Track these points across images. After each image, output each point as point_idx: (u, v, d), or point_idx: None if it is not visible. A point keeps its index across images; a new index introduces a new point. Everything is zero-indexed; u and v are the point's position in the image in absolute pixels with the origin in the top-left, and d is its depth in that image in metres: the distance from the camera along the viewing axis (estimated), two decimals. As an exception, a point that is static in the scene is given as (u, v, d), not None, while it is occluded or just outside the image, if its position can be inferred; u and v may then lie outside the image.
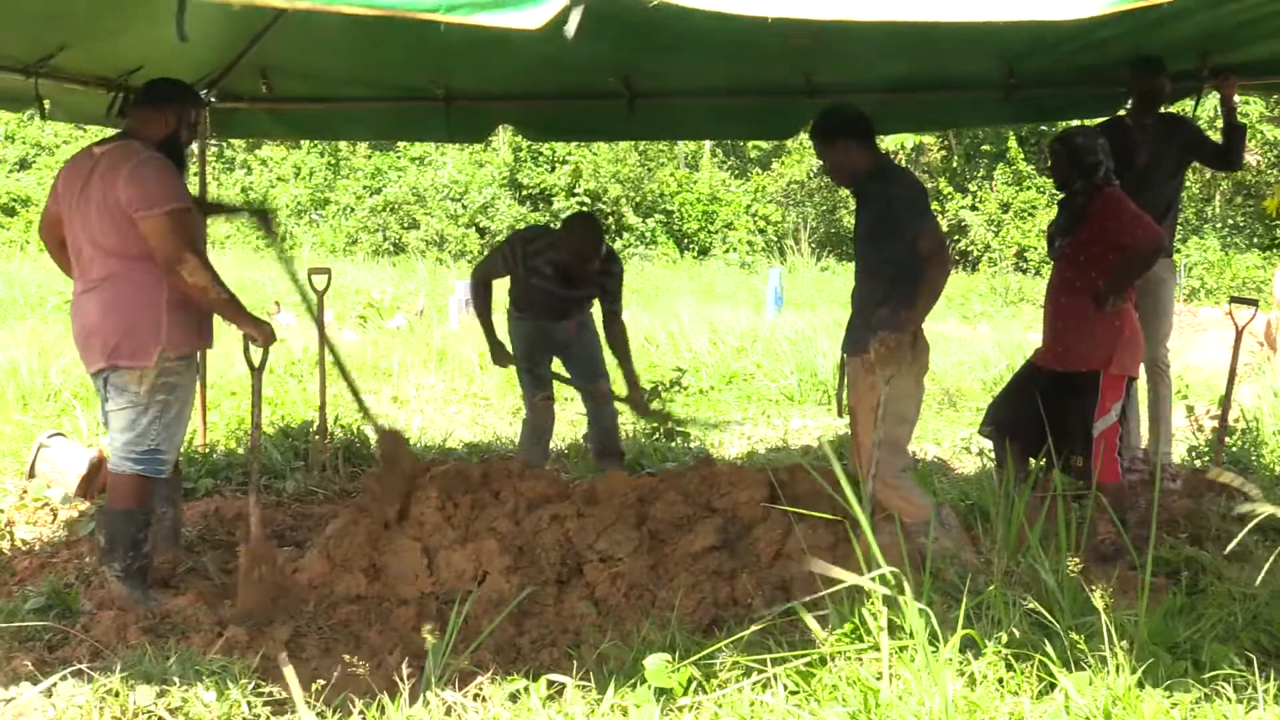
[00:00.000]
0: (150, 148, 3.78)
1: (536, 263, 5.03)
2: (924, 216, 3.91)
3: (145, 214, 3.63)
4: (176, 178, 3.79)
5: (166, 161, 3.78)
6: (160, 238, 3.63)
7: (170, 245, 3.63)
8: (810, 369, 8.58)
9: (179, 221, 3.66)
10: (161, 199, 3.64)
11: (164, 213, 3.63)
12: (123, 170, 3.67)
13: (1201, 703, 2.62)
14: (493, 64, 5.41)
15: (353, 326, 11.45)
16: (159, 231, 3.63)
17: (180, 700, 2.91)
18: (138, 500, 3.83)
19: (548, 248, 5.02)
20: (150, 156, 3.74)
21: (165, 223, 3.63)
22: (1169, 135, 5.16)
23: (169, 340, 3.72)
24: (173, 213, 3.65)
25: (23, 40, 4.21)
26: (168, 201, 3.65)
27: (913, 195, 3.94)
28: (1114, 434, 4.33)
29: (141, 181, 3.65)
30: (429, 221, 19.03)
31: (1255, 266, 16.02)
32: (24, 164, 20.53)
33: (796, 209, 20.21)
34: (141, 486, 3.83)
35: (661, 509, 4.14)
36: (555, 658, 3.37)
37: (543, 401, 5.27)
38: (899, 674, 2.61)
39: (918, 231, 3.85)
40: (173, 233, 3.63)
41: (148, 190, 3.64)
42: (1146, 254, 4.29)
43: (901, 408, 3.93)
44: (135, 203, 3.63)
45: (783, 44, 4.82)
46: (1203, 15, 4.39)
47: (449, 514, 4.17)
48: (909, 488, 4.06)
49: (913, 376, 3.96)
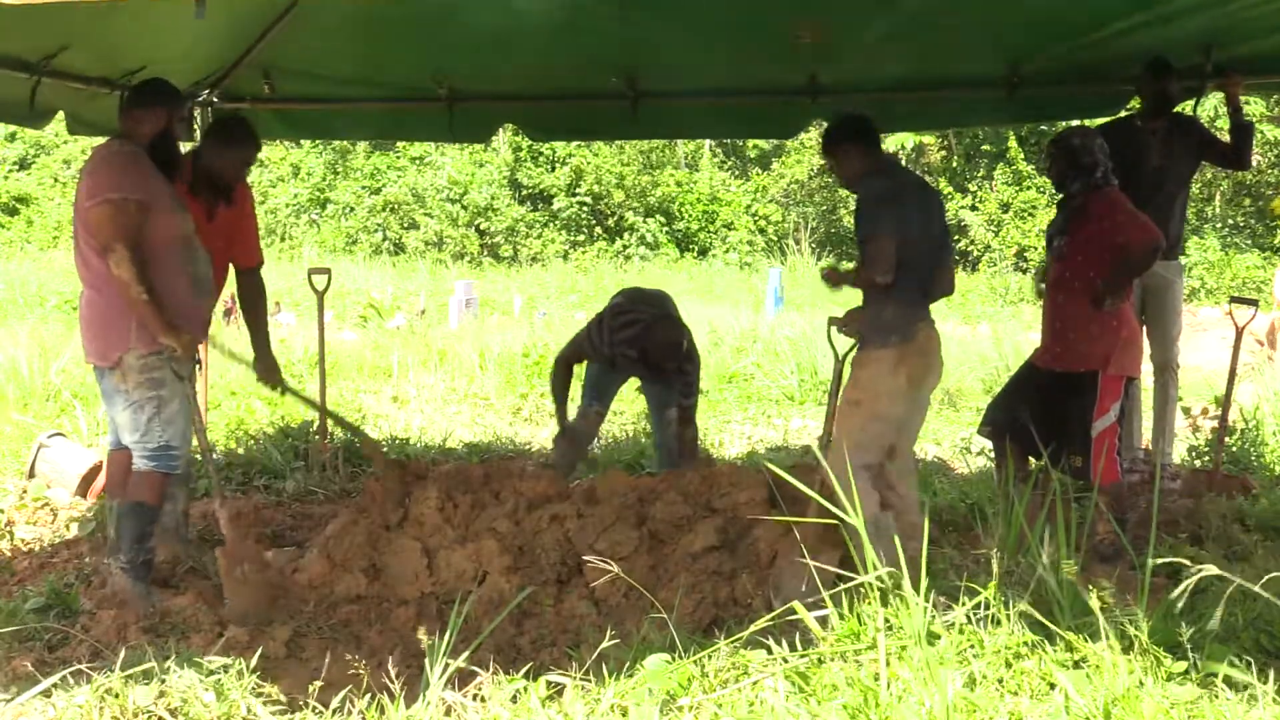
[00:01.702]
0: (133, 145, 3.82)
1: (622, 350, 4.96)
2: (875, 223, 3.90)
3: (88, 204, 3.70)
4: (129, 171, 3.76)
5: (129, 156, 3.79)
6: (96, 226, 3.69)
7: (103, 233, 3.67)
8: (810, 369, 8.58)
9: (119, 209, 3.67)
10: (102, 189, 3.69)
11: (102, 200, 3.67)
12: (87, 168, 3.78)
13: (1201, 703, 2.62)
14: (495, 64, 5.41)
15: (353, 326, 11.45)
16: (96, 220, 3.69)
17: (180, 700, 2.91)
18: (152, 495, 3.87)
19: (634, 339, 4.93)
20: (115, 151, 3.80)
21: (103, 210, 3.67)
22: (1180, 137, 5.16)
23: (138, 337, 3.75)
24: (112, 201, 3.67)
25: (24, 39, 4.22)
26: (110, 190, 3.69)
27: (872, 200, 3.94)
28: (1113, 434, 4.33)
29: (93, 175, 3.74)
30: (428, 222, 19.03)
31: (1255, 266, 16.02)
32: (24, 164, 20.54)
33: (796, 209, 20.20)
34: (158, 482, 3.88)
35: (661, 509, 4.14)
36: (555, 658, 3.37)
37: (595, 415, 5.24)
38: (899, 674, 2.61)
39: (865, 234, 3.91)
40: (108, 221, 3.66)
41: (95, 182, 3.71)
42: (1144, 254, 4.29)
43: (881, 405, 3.93)
44: (85, 194, 3.72)
45: (785, 41, 4.84)
46: (1206, 13, 4.40)
47: (449, 514, 4.18)
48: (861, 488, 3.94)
49: (903, 376, 3.93)
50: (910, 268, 3.90)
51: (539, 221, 19.41)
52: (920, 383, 4.01)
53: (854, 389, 3.97)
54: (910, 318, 3.94)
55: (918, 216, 3.95)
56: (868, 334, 3.96)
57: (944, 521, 4.74)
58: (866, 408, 3.91)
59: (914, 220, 3.92)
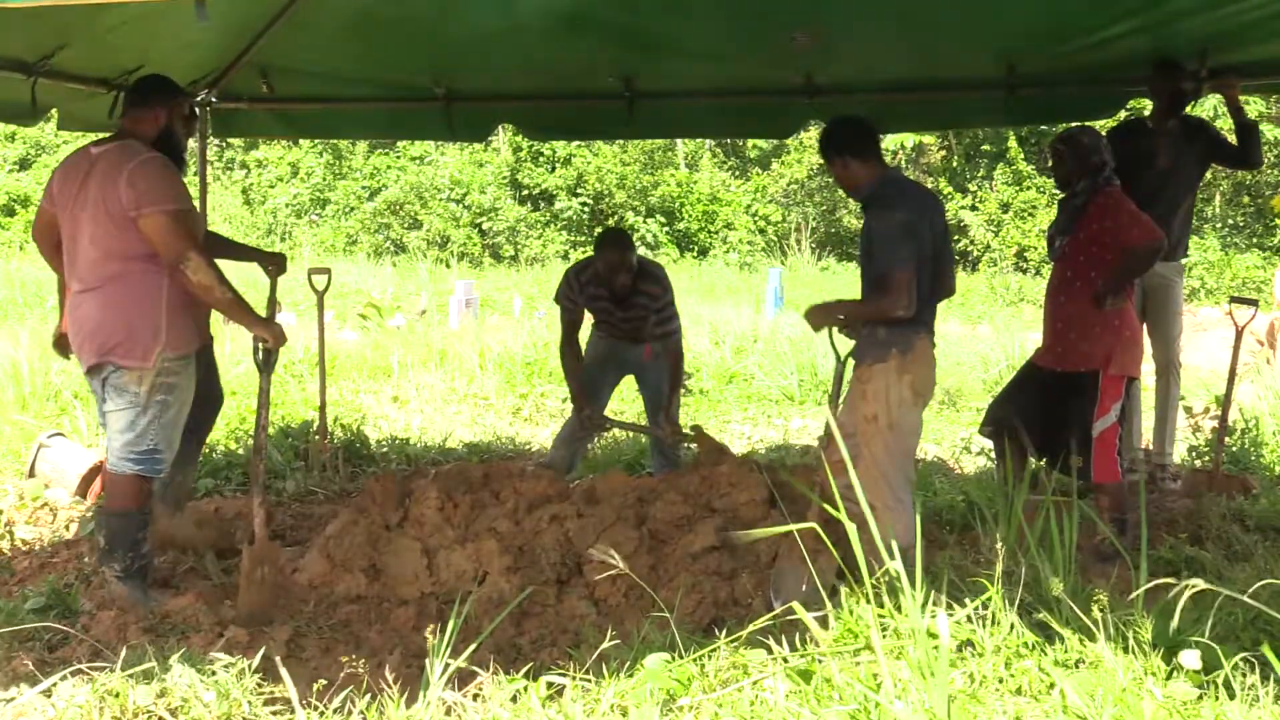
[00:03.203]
0: (148, 146, 3.79)
1: (589, 290, 5.09)
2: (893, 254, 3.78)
3: (146, 214, 3.64)
4: (176, 177, 3.81)
5: (166, 161, 3.79)
6: (163, 237, 3.65)
7: (174, 245, 3.64)
8: (810, 369, 8.58)
9: (181, 221, 3.68)
10: (162, 199, 3.66)
11: (165, 212, 3.64)
12: (124, 171, 3.68)
13: (1201, 702, 2.62)
14: (493, 64, 5.42)
15: (353, 326, 11.45)
16: (161, 231, 3.64)
17: (180, 700, 2.91)
18: (136, 501, 3.83)
19: (594, 276, 5.06)
20: (150, 156, 3.75)
21: (167, 222, 3.64)
22: (1190, 138, 5.16)
23: (169, 340, 3.73)
24: (174, 213, 3.66)
25: (22, 39, 4.21)
26: (169, 201, 3.67)
27: (889, 230, 3.83)
28: (1114, 434, 4.33)
29: (142, 181, 3.66)
30: (431, 220, 19.03)
31: (1255, 266, 16.02)
32: (24, 164, 20.55)
33: (796, 209, 20.20)
34: (140, 487, 3.83)
35: (661, 509, 4.14)
36: (555, 658, 3.37)
37: (588, 416, 5.26)
38: (899, 674, 2.61)
39: (883, 267, 3.79)
40: (175, 232, 3.65)
41: (148, 190, 3.65)
42: (1145, 254, 4.30)
43: (896, 415, 3.85)
44: (136, 203, 3.64)
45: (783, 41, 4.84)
46: (1203, 16, 4.40)
47: (449, 514, 4.18)
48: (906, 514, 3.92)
49: (907, 385, 3.88)
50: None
51: (540, 222, 19.41)
52: (922, 393, 3.96)
53: (866, 404, 3.86)
54: (907, 331, 3.89)
55: (928, 235, 3.92)
56: (866, 349, 3.91)
57: (944, 521, 4.74)
58: (884, 419, 3.84)
59: (925, 240, 3.87)
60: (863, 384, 3.91)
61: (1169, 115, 5.11)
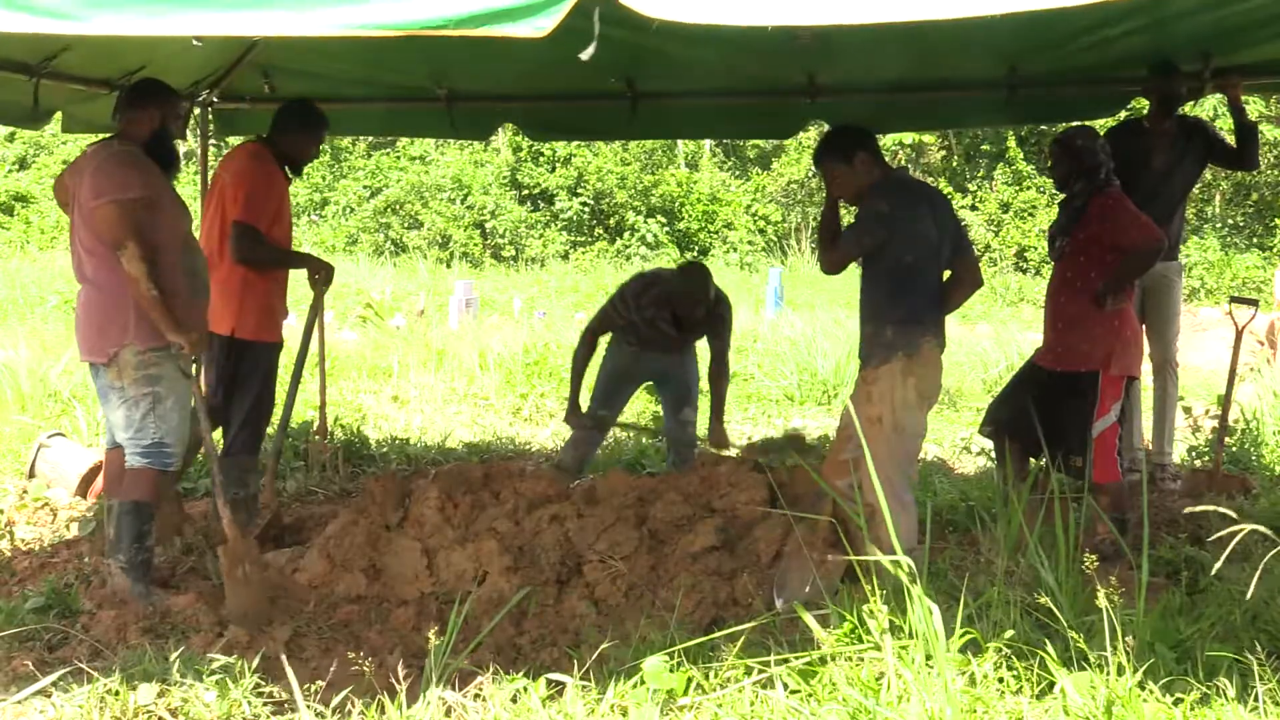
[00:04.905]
0: (132, 145, 3.85)
1: (649, 312, 5.03)
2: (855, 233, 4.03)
3: (96, 204, 3.72)
4: (135, 170, 3.80)
5: (131, 155, 3.83)
6: (108, 225, 3.71)
7: (115, 232, 3.69)
8: (810, 369, 8.57)
9: (127, 209, 3.70)
10: (113, 189, 3.71)
11: (113, 201, 3.70)
12: (90, 167, 3.79)
13: (1201, 703, 2.62)
14: (494, 66, 5.41)
15: (353, 326, 11.44)
16: (107, 219, 3.70)
17: (180, 700, 2.91)
18: (148, 493, 3.87)
19: (660, 298, 5.00)
20: (116, 151, 3.82)
21: (114, 210, 3.70)
22: (1188, 139, 5.16)
23: (136, 333, 3.77)
24: (122, 201, 3.70)
25: (26, 41, 4.21)
26: (118, 191, 3.71)
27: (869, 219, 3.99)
28: (1113, 434, 4.33)
29: (98, 174, 3.75)
30: (432, 220, 19.02)
31: (1255, 266, 16.02)
32: (24, 163, 20.53)
33: (797, 209, 20.19)
34: (152, 480, 3.88)
35: (661, 509, 4.14)
36: (555, 658, 3.37)
37: (602, 419, 5.25)
38: (899, 674, 2.61)
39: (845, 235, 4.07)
40: (118, 220, 3.69)
41: (101, 181, 3.73)
42: (1146, 254, 4.30)
43: (900, 417, 3.87)
44: (94, 194, 3.72)
45: (784, 43, 4.83)
46: (1204, 16, 4.39)
47: (449, 514, 4.17)
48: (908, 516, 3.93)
49: (911, 388, 3.89)
50: (909, 289, 3.92)
51: (540, 222, 19.40)
52: (927, 396, 3.97)
53: (870, 405, 3.87)
54: (913, 334, 3.91)
55: (933, 233, 3.95)
56: (873, 350, 3.95)
57: (944, 521, 4.74)
58: (889, 421, 3.85)
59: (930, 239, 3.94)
60: (868, 385, 3.92)
61: (1165, 116, 5.11)
